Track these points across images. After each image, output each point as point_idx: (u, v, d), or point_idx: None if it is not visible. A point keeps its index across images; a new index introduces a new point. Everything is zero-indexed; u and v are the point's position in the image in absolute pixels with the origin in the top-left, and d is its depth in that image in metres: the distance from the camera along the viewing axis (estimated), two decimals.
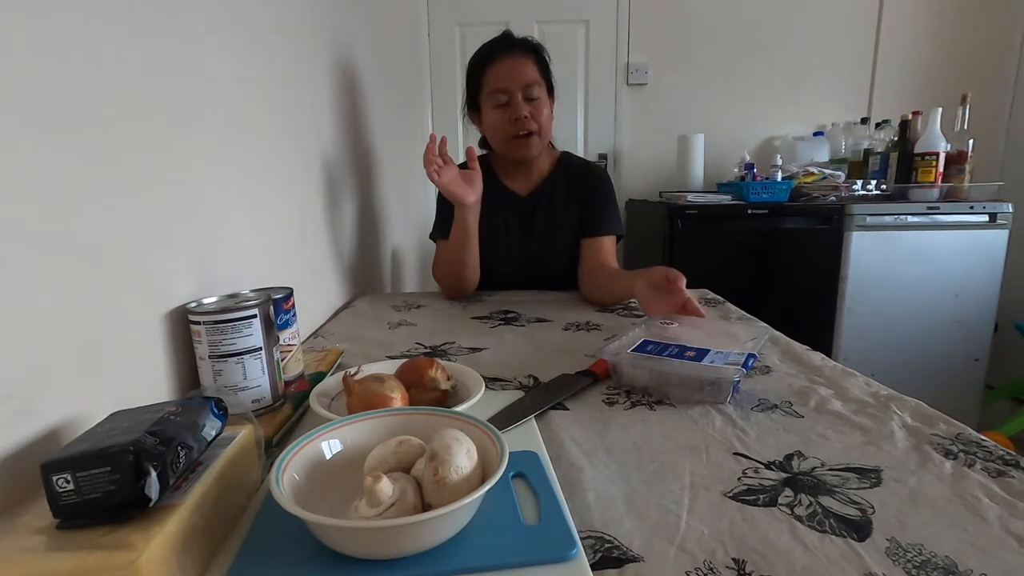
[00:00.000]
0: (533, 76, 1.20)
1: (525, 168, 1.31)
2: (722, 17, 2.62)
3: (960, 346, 2.19)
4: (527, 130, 1.20)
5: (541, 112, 1.21)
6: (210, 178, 0.69)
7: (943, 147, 2.12)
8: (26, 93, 0.42)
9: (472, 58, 1.26)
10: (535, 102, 1.20)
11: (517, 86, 1.18)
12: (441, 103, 2.68)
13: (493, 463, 0.40)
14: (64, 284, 0.45)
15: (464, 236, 1.17)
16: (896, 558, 0.38)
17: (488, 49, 1.23)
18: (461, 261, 1.20)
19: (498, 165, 1.33)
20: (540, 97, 1.21)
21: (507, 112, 1.20)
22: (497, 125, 1.22)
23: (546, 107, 1.23)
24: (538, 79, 1.21)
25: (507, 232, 1.31)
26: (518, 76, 1.19)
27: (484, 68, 1.22)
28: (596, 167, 1.35)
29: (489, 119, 1.24)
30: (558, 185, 1.30)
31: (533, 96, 1.20)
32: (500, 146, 1.26)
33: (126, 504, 0.34)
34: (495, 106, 1.21)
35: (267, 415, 0.61)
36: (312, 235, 1.07)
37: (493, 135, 1.26)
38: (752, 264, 2.19)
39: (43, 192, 0.44)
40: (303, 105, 1.03)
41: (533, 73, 1.20)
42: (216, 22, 0.72)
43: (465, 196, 1.12)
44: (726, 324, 0.91)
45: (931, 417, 0.60)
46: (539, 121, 1.20)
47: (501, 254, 1.30)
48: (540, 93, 1.21)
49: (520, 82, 1.18)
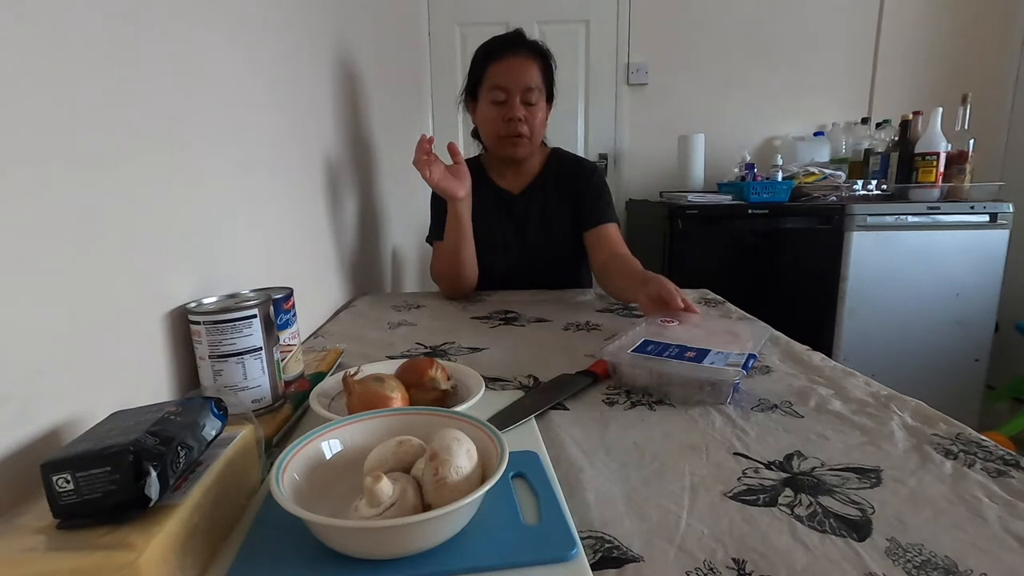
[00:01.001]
0: (534, 80, 1.21)
1: (515, 166, 1.32)
2: (723, 17, 2.61)
3: (960, 346, 2.19)
4: (518, 132, 1.21)
5: (535, 116, 1.22)
6: (210, 178, 0.69)
7: (944, 147, 2.12)
8: (26, 93, 0.42)
9: (480, 48, 1.26)
10: (532, 107, 1.22)
11: (517, 87, 1.19)
12: (441, 103, 2.68)
13: (493, 463, 0.40)
14: (64, 284, 0.45)
15: (459, 231, 1.18)
16: (896, 558, 0.38)
17: (497, 44, 1.24)
18: (459, 259, 1.20)
19: (489, 164, 1.35)
20: (538, 103, 1.22)
21: (503, 111, 1.21)
22: (490, 121, 1.24)
23: (542, 112, 1.24)
24: (539, 84, 1.22)
25: (503, 230, 1.32)
26: (520, 77, 1.20)
27: (489, 62, 1.22)
28: (585, 161, 1.36)
29: (484, 113, 1.25)
30: (549, 181, 1.32)
31: (531, 100, 1.21)
32: (489, 141, 1.28)
33: (126, 504, 0.34)
34: (492, 102, 1.22)
35: (267, 415, 0.61)
36: (312, 235, 1.07)
37: (485, 129, 1.28)
38: (752, 264, 2.19)
39: (43, 192, 0.44)
40: (303, 105, 1.03)
41: (535, 77, 1.21)
42: (216, 22, 0.72)
43: (456, 190, 1.13)
44: (726, 323, 0.91)
45: (931, 417, 0.60)
46: (532, 125, 1.22)
47: (498, 252, 1.31)
48: (539, 99, 1.22)
49: (521, 84, 1.20)
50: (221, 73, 0.73)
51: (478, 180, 1.27)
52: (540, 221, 1.31)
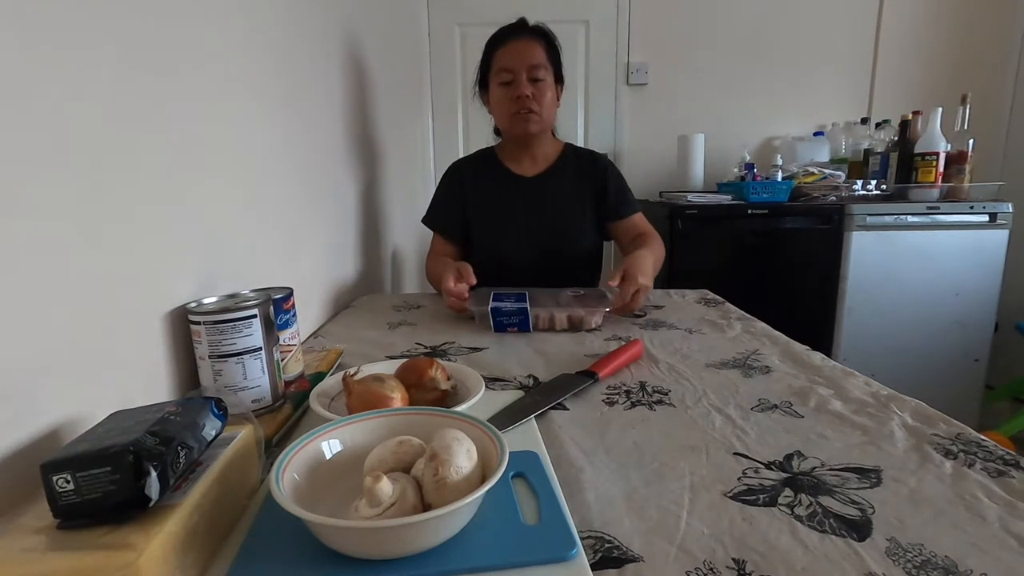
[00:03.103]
0: (539, 58, 1.23)
1: (529, 152, 1.34)
2: (722, 17, 2.61)
3: (960, 346, 2.19)
4: (527, 108, 1.23)
5: (544, 94, 1.25)
6: (211, 178, 0.69)
7: (943, 147, 2.12)
8: (27, 92, 0.42)
9: (488, 40, 1.30)
10: (539, 84, 1.24)
11: (522, 66, 1.22)
12: (441, 103, 2.68)
13: (493, 463, 0.40)
14: (64, 284, 0.45)
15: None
16: (896, 558, 0.38)
17: (501, 31, 1.28)
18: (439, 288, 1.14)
19: (503, 152, 1.37)
20: (545, 80, 1.24)
21: (511, 90, 1.24)
22: (501, 102, 1.27)
23: (550, 90, 1.26)
24: (544, 62, 1.24)
25: (515, 215, 1.32)
26: (524, 57, 1.23)
27: (495, 49, 1.27)
28: (601, 156, 1.39)
29: (495, 96, 1.28)
30: (567, 169, 1.34)
31: (538, 77, 1.23)
32: (503, 123, 1.30)
33: (126, 504, 0.34)
34: (500, 84, 1.25)
35: (267, 415, 0.61)
36: (312, 235, 1.07)
37: (497, 111, 1.30)
38: (752, 264, 2.18)
39: (43, 192, 0.44)
40: (303, 105, 1.03)
41: (540, 56, 1.24)
42: (215, 22, 0.72)
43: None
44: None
45: (931, 417, 0.60)
46: (540, 102, 1.24)
47: (510, 239, 1.30)
48: (545, 76, 1.24)
49: (525, 63, 1.22)
50: (221, 74, 0.72)
51: (490, 167, 1.30)
52: (554, 203, 1.32)
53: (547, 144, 1.35)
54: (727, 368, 0.77)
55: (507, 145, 1.36)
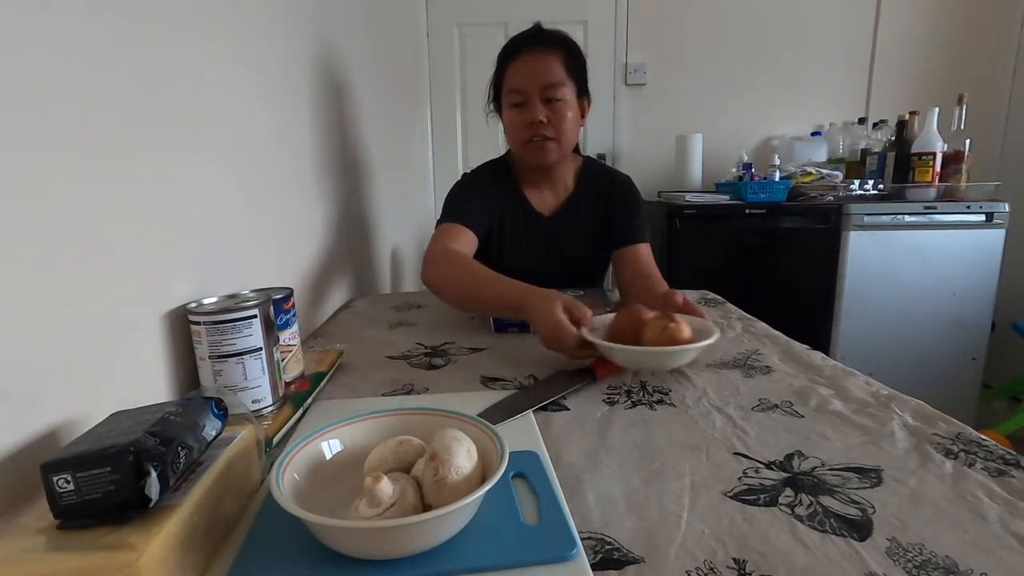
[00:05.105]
0: (555, 76, 1.07)
1: (548, 179, 1.19)
2: (721, 17, 2.62)
3: (957, 345, 2.20)
4: (542, 135, 1.08)
5: (563, 116, 1.08)
6: (211, 178, 0.69)
7: (940, 147, 2.12)
8: (25, 95, 0.42)
9: (500, 51, 1.15)
10: (556, 104, 1.07)
11: (534, 87, 1.06)
12: (440, 103, 2.68)
13: (493, 463, 0.40)
14: (64, 284, 0.45)
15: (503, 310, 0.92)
16: (896, 558, 0.38)
17: (512, 43, 1.12)
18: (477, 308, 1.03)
19: (519, 171, 1.20)
20: (564, 99, 1.08)
21: (523, 114, 1.08)
22: (512, 127, 1.12)
23: (571, 110, 1.09)
24: (562, 78, 1.07)
25: (532, 253, 1.21)
26: (537, 76, 1.07)
27: (506, 64, 1.11)
28: (622, 177, 1.25)
29: (507, 117, 1.13)
30: (584, 202, 1.20)
31: (555, 97, 1.07)
32: (516, 149, 1.16)
33: (126, 504, 0.34)
34: (511, 105, 1.10)
35: (267, 415, 0.60)
36: (312, 235, 1.07)
37: (509, 135, 1.15)
38: (750, 264, 2.19)
39: (43, 192, 0.43)
40: (303, 105, 1.03)
41: (556, 72, 1.07)
42: (214, 23, 0.71)
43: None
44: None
45: (931, 417, 0.60)
46: (558, 127, 1.08)
47: (522, 266, 1.18)
48: (565, 94, 1.08)
49: (538, 82, 1.06)
50: (221, 74, 0.72)
51: (507, 195, 1.17)
52: (570, 244, 1.21)
53: (565, 168, 1.20)
54: (728, 368, 0.77)
55: (523, 165, 1.19)
